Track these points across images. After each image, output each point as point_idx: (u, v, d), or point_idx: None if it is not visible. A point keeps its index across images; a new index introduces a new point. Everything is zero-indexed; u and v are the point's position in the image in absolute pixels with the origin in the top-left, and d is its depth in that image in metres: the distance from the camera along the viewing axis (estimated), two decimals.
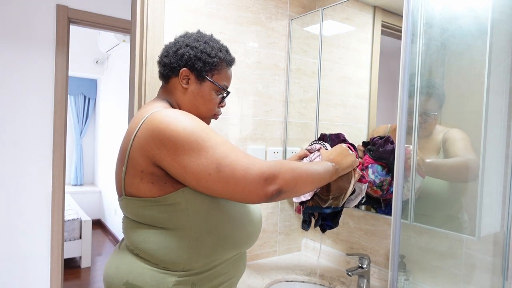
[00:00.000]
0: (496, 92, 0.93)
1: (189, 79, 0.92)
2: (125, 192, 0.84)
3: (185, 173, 0.77)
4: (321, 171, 0.91)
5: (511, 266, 0.94)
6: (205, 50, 0.92)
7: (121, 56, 4.31)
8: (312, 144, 1.17)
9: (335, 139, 1.20)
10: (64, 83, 2.31)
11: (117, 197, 0.89)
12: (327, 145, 1.14)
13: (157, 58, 1.00)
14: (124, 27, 2.53)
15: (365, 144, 1.27)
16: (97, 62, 4.90)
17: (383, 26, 1.34)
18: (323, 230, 1.14)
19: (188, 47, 0.92)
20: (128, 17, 2.45)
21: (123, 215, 0.91)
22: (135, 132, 0.81)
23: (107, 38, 3.98)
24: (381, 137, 1.22)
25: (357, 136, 1.42)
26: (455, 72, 1.07)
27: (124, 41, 3.67)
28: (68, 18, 2.31)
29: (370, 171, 1.21)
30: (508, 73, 0.95)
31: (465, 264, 1.07)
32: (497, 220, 0.97)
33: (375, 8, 1.36)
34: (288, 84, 1.63)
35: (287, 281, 1.37)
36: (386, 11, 1.33)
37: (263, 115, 1.56)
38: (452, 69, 1.07)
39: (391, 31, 1.30)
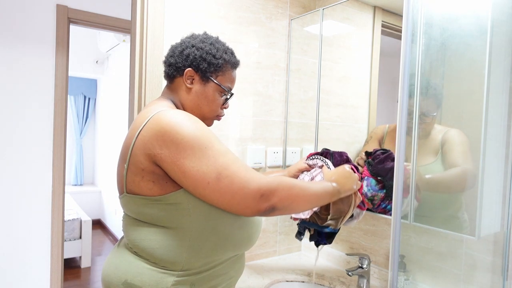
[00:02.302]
0: (496, 92, 0.93)
1: (193, 79, 0.93)
2: (126, 189, 0.84)
3: (184, 177, 0.78)
4: (320, 192, 0.91)
5: (511, 266, 0.94)
6: (210, 52, 0.92)
7: (121, 56, 4.31)
8: (313, 158, 1.15)
9: (338, 157, 1.17)
10: (64, 83, 2.31)
11: (118, 195, 0.89)
12: (329, 163, 1.11)
13: (157, 58, 1.00)
14: (124, 27, 2.53)
15: (367, 154, 1.26)
16: (97, 62, 4.90)
17: (383, 26, 1.34)
18: (317, 245, 1.13)
19: (194, 47, 0.92)
20: (128, 17, 2.44)
21: (123, 213, 0.91)
22: (139, 130, 0.81)
23: (107, 38, 3.98)
24: (384, 151, 1.20)
25: (357, 136, 1.42)
26: (455, 72, 1.07)
27: (124, 41, 3.67)
28: (68, 18, 2.31)
29: (364, 183, 1.20)
30: (508, 73, 0.95)
31: (465, 264, 1.07)
32: (497, 220, 0.97)
33: (375, 8, 1.36)
34: (288, 84, 1.63)
35: (287, 281, 1.37)
36: (386, 11, 1.33)
37: (263, 115, 1.56)
38: (452, 69, 1.07)
39: (391, 31, 1.30)
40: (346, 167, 1.05)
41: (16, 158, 2.20)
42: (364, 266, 1.26)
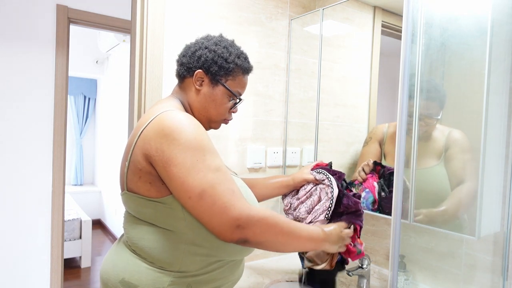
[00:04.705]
0: (496, 92, 0.93)
1: (203, 81, 0.93)
2: (127, 187, 0.84)
3: (170, 184, 0.78)
4: (305, 238, 0.86)
5: (511, 266, 0.94)
6: (222, 55, 0.92)
7: (121, 56, 4.31)
8: (320, 172, 1.11)
9: (346, 201, 1.03)
10: (64, 83, 2.31)
11: (120, 191, 0.89)
12: (334, 184, 1.05)
13: (157, 58, 1.00)
14: (124, 27, 2.53)
15: (376, 164, 1.24)
16: (97, 62, 4.90)
17: (383, 26, 1.34)
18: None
19: (207, 49, 0.92)
20: (128, 17, 2.44)
21: (124, 210, 0.91)
22: (142, 128, 0.81)
23: (107, 38, 3.98)
24: None
25: (357, 136, 1.42)
26: (455, 72, 1.07)
27: (124, 41, 3.67)
28: (68, 18, 2.31)
29: (363, 194, 1.20)
30: (508, 73, 0.95)
31: (465, 264, 1.07)
32: (497, 220, 0.97)
33: (375, 8, 1.36)
34: (288, 84, 1.63)
35: (287, 281, 1.37)
36: (386, 11, 1.33)
37: (263, 115, 1.56)
38: (452, 69, 1.07)
39: (391, 31, 1.30)
40: (345, 230, 0.98)
41: (16, 158, 2.20)
42: (364, 266, 1.26)
